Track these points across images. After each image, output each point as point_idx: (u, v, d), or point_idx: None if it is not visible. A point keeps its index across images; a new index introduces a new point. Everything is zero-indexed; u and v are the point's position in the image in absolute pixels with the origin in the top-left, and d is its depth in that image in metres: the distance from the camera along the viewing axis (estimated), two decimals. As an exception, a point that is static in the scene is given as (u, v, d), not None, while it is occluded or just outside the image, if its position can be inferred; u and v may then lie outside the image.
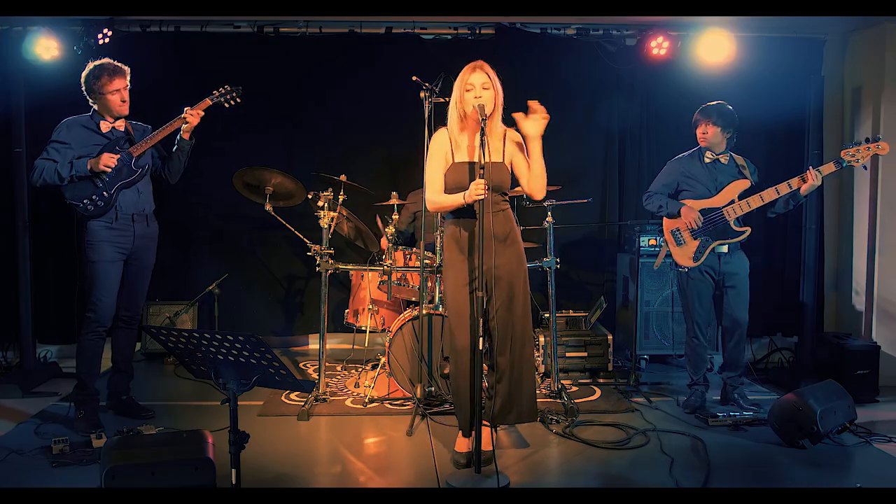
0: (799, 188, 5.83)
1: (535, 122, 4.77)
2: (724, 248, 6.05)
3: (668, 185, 6.28)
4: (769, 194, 5.90)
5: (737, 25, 7.57)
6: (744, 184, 6.05)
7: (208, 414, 6.01)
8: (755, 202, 5.93)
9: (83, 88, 5.63)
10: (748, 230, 6.03)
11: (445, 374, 5.99)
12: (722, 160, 6.14)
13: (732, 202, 5.99)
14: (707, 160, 6.14)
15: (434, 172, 4.97)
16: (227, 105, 5.99)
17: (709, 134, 6.08)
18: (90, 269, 5.60)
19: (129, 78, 5.68)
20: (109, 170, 5.50)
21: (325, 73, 8.04)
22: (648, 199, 6.32)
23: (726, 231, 6.01)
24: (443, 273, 5.10)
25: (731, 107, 6.11)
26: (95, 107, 5.67)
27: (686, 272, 6.13)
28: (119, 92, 5.59)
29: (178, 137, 5.82)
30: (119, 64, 5.66)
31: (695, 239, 6.06)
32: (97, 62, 5.63)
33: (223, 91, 5.96)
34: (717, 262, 6.09)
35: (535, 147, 4.82)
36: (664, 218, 6.23)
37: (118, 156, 5.54)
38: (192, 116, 5.72)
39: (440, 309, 6.22)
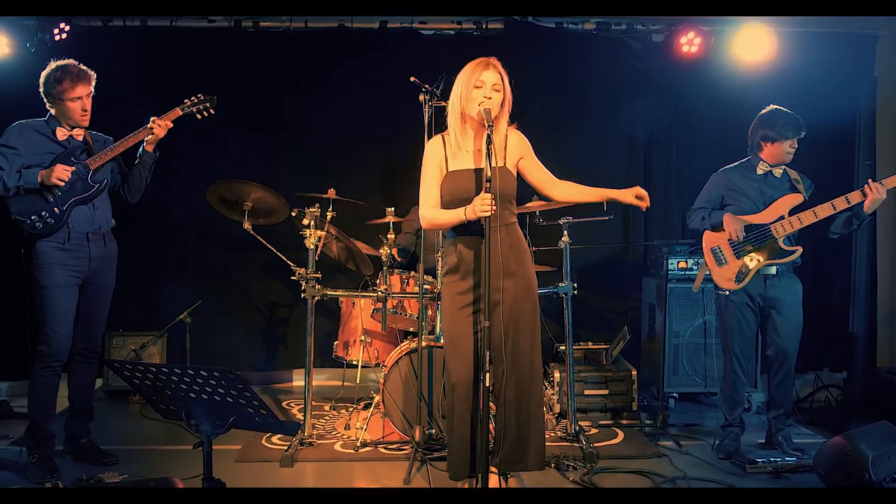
0: (861, 203, 5.81)
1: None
2: (772, 270, 6.05)
3: (712, 199, 6.29)
4: (823, 210, 5.87)
5: (778, 20, 7.61)
6: (796, 198, 6.03)
7: (179, 459, 6.00)
8: (807, 219, 5.90)
9: (41, 90, 5.65)
10: (799, 250, 6.01)
11: None
12: (775, 173, 6.14)
13: (781, 218, 6.00)
14: (760, 172, 6.15)
15: (429, 185, 4.96)
16: (199, 116, 6.03)
17: (793, 149, 6.07)
18: (40, 295, 5.59)
19: (94, 84, 5.71)
20: (62, 184, 5.50)
21: (312, 74, 8.11)
22: (692, 216, 6.35)
23: (773, 250, 6.02)
24: (440, 298, 5.10)
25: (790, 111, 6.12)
26: (52, 111, 5.68)
27: (727, 296, 6.14)
28: (81, 100, 5.61)
29: (140, 149, 5.84)
30: (85, 68, 5.67)
31: (738, 258, 6.07)
32: (60, 62, 5.64)
33: (196, 100, 6.00)
34: (762, 285, 6.09)
35: (607, 196, 5.23)
36: (704, 234, 6.23)
37: (73, 168, 5.55)
38: (159, 128, 5.74)
39: (441, 340, 6.20)
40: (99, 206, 5.78)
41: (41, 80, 5.63)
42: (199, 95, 6.01)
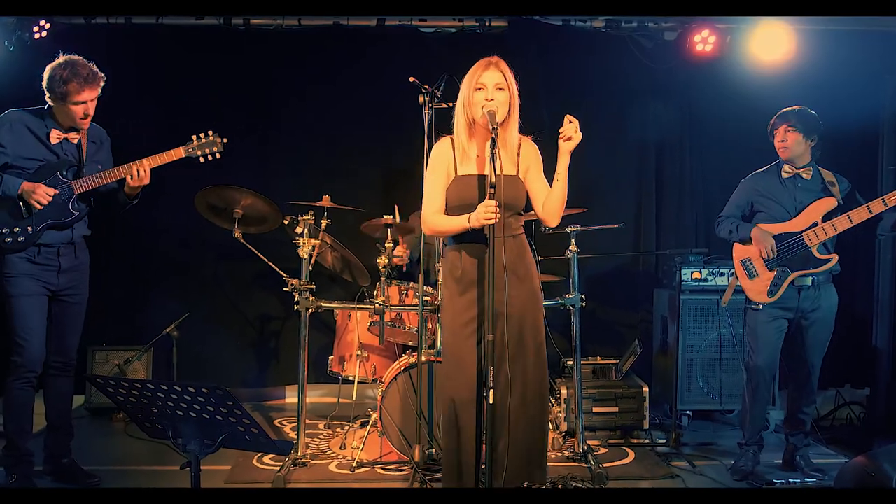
0: None
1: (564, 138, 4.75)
2: (808, 281, 6.01)
3: (741, 205, 6.29)
4: (859, 214, 5.81)
5: (796, 17, 7.59)
6: (829, 203, 6.00)
7: (165, 480, 6.00)
8: (842, 224, 5.86)
9: (44, 83, 5.54)
10: (834, 258, 5.97)
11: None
12: (804, 175, 6.12)
13: (815, 225, 5.96)
14: (786, 175, 6.15)
15: (433, 189, 4.97)
16: (203, 160, 5.95)
17: (789, 142, 6.04)
18: (9, 304, 5.59)
19: (101, 87, 5.62)
20: (40, 207, 5.49)
21: (307, 73, 8.14)
22: (719, 225, 6.34)
23: (807, 260, 5.97)
24: (441, 311, 5.06)
25: (813, 111, 6.11)
26: (52, 105, 5.60)
27: (758, 310, 6.12)
28: (85, 104, 5.54)
29: (121, 191, 5.80)
30: (95, 69, 5.58)
31: (770, 270, 6.03)
32: (70, 59, 5.53)
33: (203, 140, 5.91)
34: (795, 296, 6.04)
35: (562, 162, 4.80)
36: (734, 245, 6.23)
37: (56, 192, 5.54)
38: (136, 178, 5.66)
39: (441, 355, 6.16)
40: (75, 225, 5.76)
41: (46, 74, 5.53)
42: (208, 133, 5.92)
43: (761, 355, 6.12)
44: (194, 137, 5.89)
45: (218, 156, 5.98)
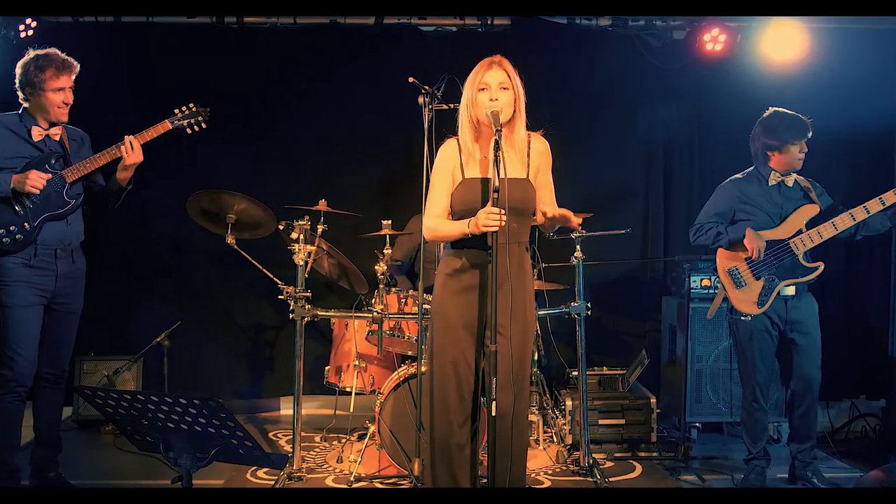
0: (893, 207, 5.80)
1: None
2: (791, 290, 6.04)
3: (723, 213, 6.26)
4: (843, 221, 5.86)
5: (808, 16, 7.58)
6: (811, 209, 6.03)
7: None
8: (827, 231, 5.90)
9: (17, 80, 5.61)
10: (821, 266, 6.00)
11: None
12: (787, 182, 6.13)
13: (800, 232, 5.98)
14: (772, 182, 6.14)
15: (437, 193, 4.93)
16: (189, 131, 6.01)
17: (803, 153, 6.05)
18: (3, 315, 5.58)
19: (75, 76, 5.69)
20: (36, 192, 5.48)
21: (302, 74, 8.14)
22: (698, 233, 6.30)
23: (795, 268, 6.00)
24: (432, 315, 5.01)
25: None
26: (27, 105, 5.65)
27: (747, 321, 6.11)
28: (63, 91, 5.60)
29: (112, 177, 5.83)
30: (68, 57, 5.66)
31: (758, 279, 6.04)
32: (40, 52, 5.61)
33: (187, 111, 5.98)
34: (783, 307, 6.07)
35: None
36: (719, 254, 6.21)
37: (48, 176, 5.56)
38: (130, 154, 5.71)
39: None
40: (72, 221, 5.77)
41: (18, 70, 5.60)
42: (190, 106, 5.99)
43: (757, 368, 6.13)
44: (177, 111, 5.97)
45: (204, 125, 6.06)
